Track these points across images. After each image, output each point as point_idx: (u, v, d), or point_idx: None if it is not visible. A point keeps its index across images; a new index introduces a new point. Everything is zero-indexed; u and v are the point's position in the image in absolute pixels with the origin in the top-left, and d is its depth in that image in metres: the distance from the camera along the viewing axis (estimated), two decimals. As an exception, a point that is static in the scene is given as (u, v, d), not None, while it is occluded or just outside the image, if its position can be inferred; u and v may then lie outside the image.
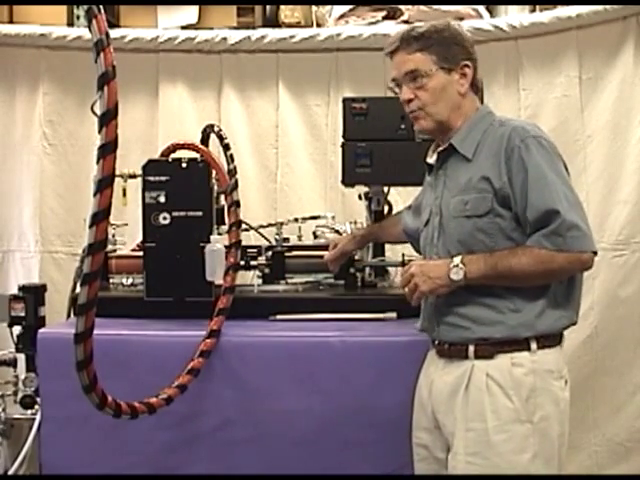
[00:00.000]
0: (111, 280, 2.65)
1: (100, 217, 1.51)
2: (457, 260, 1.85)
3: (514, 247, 1.84)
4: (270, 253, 2.63)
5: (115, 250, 2.70)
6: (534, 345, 1.85)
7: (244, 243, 2.53)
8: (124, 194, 2.59)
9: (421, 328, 2.05)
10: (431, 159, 2.05)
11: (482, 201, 1.86)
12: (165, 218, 2.40)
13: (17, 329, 2.58)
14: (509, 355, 1.85)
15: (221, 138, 2.54)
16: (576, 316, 1.93)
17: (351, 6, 3.61)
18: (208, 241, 2.37)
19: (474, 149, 1.92)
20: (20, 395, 2.47)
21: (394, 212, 2.79)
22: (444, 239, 1.94)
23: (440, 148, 2.01)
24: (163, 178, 2.40)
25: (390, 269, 2.74)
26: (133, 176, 2.60)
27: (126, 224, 2.84)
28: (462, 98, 1.96)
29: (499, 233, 1.86)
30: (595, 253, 1.83)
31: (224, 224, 2.57)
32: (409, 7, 3.57)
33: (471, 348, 1.88)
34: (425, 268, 1.90)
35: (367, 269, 2.67)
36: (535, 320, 1.85)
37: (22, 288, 2.62)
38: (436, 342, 1.99)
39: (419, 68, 1.94)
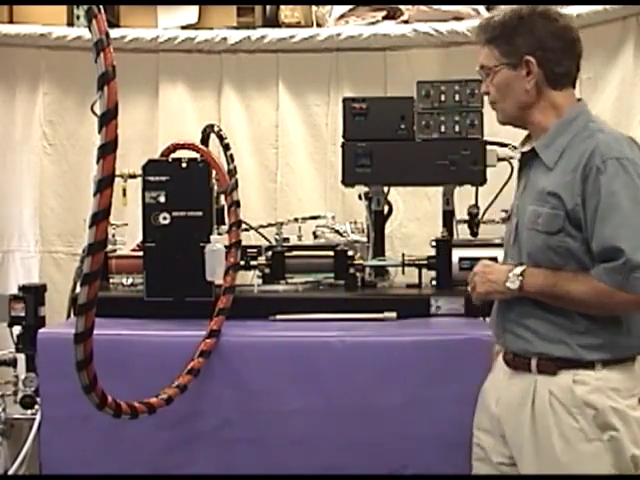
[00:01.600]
0: (111, 280, 2.64)
1: (100, 217, 1.51)
2: (518, 270, 1.79)
3: (578, 272, 1.74)
4: (270, 253, 2.63)
5: (115, 250, 2.70)
6: (599, 364, 1.75)
7: (244, 243, 2.53)
8: (124, 194, 2.60)
9: (492, 332, 1.98)
10: (523, 149, 1.91)
11: (554, 218, 1.75)
12: (165, 218, 2.40)
13: (17, 329, 2.58)
14: (572, 372, 1.75)
15: (221, 138, 2.54)
16: None
17: (351, 6, 3.61)
18: (208, 241, 2.37)
19: (557, 156, 1.79)
20: (20, 395, 2.47)
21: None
22: (519, 245, 1.85)
23: (524, 149, 1.89)
24: (163, 178, 2.40)
25: (390, 269, 2.74)
26: (133, 176, 2.60)
27: (126, 224, 2.83)
28: (532, 96, 1.82)
29: (568, 254, 1.75)
30: None
31: (224, 224, 2.58)
32: (409, 7, 3.57)
33: (533, 362, 1.80)
34: (488, 269, 1.87)
35: (367, 269, 2.67)
36: (600, 346, 1.75)
37: (22, 288, 2.62)
38: (504, 350, 1.92)
39: (484, 64, 1.86)
